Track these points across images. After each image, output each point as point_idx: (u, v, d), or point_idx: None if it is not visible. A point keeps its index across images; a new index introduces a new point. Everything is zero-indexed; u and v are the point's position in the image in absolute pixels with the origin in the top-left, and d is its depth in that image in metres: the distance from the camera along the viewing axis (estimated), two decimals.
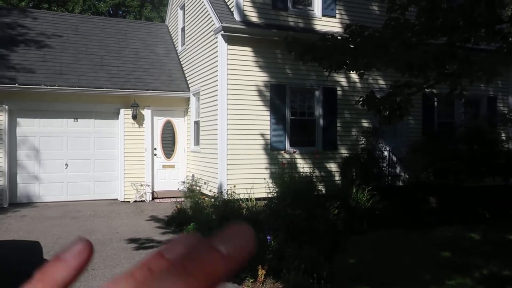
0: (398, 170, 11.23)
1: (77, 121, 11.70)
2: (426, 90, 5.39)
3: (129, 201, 11.78)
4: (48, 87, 10.97)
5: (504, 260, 6.54)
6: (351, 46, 5.16)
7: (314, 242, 6.65)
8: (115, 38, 13.44)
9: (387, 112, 5.58)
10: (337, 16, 10.91)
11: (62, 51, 12.18)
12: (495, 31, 4.45)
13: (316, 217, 7.55)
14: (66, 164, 11.55)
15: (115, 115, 12.01)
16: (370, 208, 8.73)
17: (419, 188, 10.12)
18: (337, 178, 10.64)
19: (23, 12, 13.60)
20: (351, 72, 6.10)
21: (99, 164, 11.92)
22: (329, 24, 10.75)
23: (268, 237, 6.44)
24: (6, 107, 10.78)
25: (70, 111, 11.58)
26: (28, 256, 6.71)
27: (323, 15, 10.77)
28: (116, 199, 11.98)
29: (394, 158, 11.15)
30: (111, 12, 26.09)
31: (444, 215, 9.55)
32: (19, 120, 11.11)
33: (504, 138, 12.27)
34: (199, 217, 8.06)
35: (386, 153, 11.04)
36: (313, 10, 10.77)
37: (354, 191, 8.94)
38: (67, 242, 7.27)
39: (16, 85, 10.68)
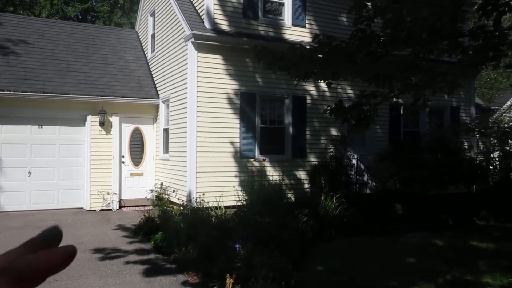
0: (366, 178, 11.42)
1: (41, 127, 11.37)
2: (392, 100, 5.51)
3: (95, 210, 11.51)
4: (12, 92, 10.64)
5: (466, 265, 6.73)
6: (319, 56, 5.23)
7: (283, 250, 6.66)
8: (83, 43, 13.19)
9: (354, 121, 5.67)
10: (307, 26, 11.06)
11: (27, 55, 11.85)
12: (457, 44, 4.61)
13: (285, 225, 7.57)
14: (30, 172, 11.20)
15: (81, 121, 11.75)
16: (338, 215, 8.83)
17: (386, 196, 10.32)
18: (306, 186, 10.72)
19: None
20: (320, 81, 6.18)
21: (64, 172, 11.61)
22: (299, 34, 10.89)
23: (237, 246, 6.42)
24: None
25: (35, 117, 11.25)
26: None
27: (293, 25, 10.90)
28: (82, 208, 11.68)
29: (362, 166, 11.34)
30: (80, 17, 25.60)
31: (411, 223, 9.76)
32: None
33: (466, 147, 12.69)
34: (167, 226, 7.96)
35: (354, 161, 11.21)
36: (283, 20, 10.89)
37: (322, 198, 9.03)
38: None
39: None
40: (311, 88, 10.94)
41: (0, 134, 10.95)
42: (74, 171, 11.70)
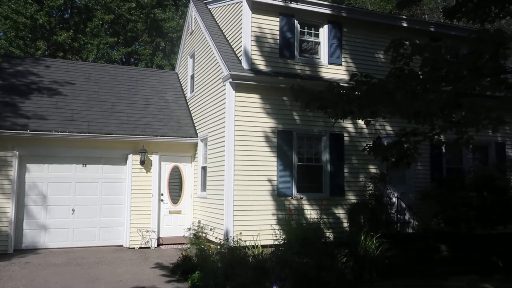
0: (407, 216, 11.05)
1: (85, 166, 11.77)
2: (433, 138, 5.39)
3: (134, 248, 11.63)
4: (59, 133, 11.12)
5: None
6: (356, 93, 5.22)
7: None
8: (126, 85, 13.76)
9: (394, 159, 5.57)
10: (343, 64, 11.13)
11: (74, 98, 12.46)
12: (500, 80, 4.51)
13: (324, 266, 7.38)
14: (73, 210, 11.52)
15: (123, 160, 12.09)
16: (379, 256, 8.53)
17: (430, 236, 9.91)
18: (345, 224, 10.48)
19: (36, 60, 14.03)
20: (358, 119, 6.14)
21: (105, 209, 11.87)
22: (335, 72, 10.95)
23: (275, 287, 6.29)
24: (17, 153, 10.89)
25: (79, 156, 11.68)
26: None
27: (329, 63, 10.99)
28: (122, 245, 11.83)
29: (403, 205, 11.01)
30: (124, 60, 26.82)
31: (457, 264, 9.29)
32: (29, 165, 11.19)
33: None
34: (205, 265, 7.91)
35: (394, 200, 10.90)
36: (319, 58, 11.01)
37: (362, 238, 8.77)
38: None
39: (28, 132, 10.84)
40: (349, 126, 10.86)
41: (47, 173, 11.40)
42: (115, 208, 11.96)
